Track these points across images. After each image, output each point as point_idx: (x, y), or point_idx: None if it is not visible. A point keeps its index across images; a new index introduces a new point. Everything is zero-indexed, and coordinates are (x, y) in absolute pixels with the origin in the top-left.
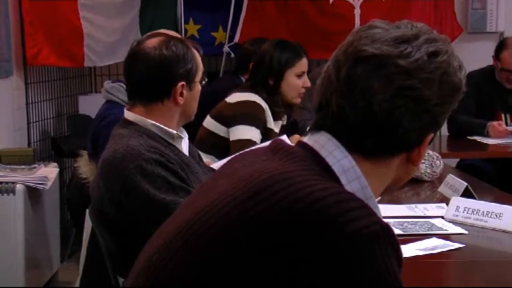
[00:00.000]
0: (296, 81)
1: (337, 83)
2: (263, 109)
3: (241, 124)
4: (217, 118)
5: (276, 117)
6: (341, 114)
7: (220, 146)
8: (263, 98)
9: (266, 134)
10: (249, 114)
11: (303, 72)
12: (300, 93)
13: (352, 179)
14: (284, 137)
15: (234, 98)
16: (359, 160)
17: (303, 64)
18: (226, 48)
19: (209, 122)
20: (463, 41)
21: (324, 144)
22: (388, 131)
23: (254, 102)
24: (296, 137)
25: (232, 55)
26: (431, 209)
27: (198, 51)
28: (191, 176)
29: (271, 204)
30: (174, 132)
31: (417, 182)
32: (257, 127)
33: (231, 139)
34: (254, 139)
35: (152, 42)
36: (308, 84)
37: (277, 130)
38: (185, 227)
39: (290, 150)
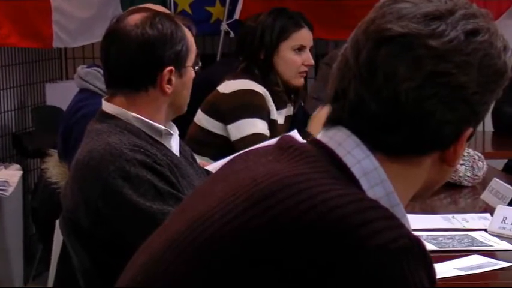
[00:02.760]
0: (292, 57)
1: (356, 68)
2: (263, 97)
3: (242, 118)
4: (210, 112)
5: (278, 105)
6: (361, 105)
7: (216, 146)
8: (260, 83)
9: (269, 126)
10: (249, 105)
11: (302, 46)
12: (300, 72)
13: (375, 183)
14: (294, 133)
15: (228, 87)
16: (383, 160)
17: (301, 36)
18: (224, 26)
19: (201, 117)
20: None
21: (341, 141)
22: (417, 125)
23: (252, 91)
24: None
25: (232, 34)
26: (472, 220)
27: (191, 29)
28: (182, 180)
29: (279, 213)
30: (162, 127)
31: (455, 187)
32: (262, 118)
33: (232, 139)
34: (262, 132)
35: (134, 19)
36: (310, 61)
37: (281, 121)
38: (176, 240)
39: (301, 149)
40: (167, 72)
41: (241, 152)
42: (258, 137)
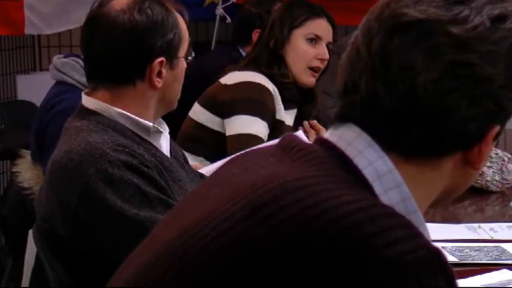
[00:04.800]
0: (304, 47)
1: (368, 59)
2: (271, 94)
3: (241, 114)
4: (208, 106)
5: (288, 104)
6: (373, 99)
7: (213, 144)
8: (269, 77)
9: (274, 127)
10: (252, 101)
11: (318, 37)
12: (312, 66)
13: (389, 187)
14: (299, 132)
15: (232, 78)
16: (398, 162)
17: (317, 25)
18: (220, 11)
19: (197, 111)
20: None
21: (351, 140)
22: (436, 122)
23: (259, 85)
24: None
25: (229, 20)
26: (501, 229)
27: (183, 15)
28: (173, 183)
29: (282, 220)
30: (150, 124)
31: (481, 193)
32: (263, 118)
33: (227, 134)
34: (259, 134)
35: (120, 4)
36: (325, 55)
37: (290, 122)
38: (167, 251)
39: (306, 149)
40: (157, 64)
41: (239, 153)
42: (253, 139)
